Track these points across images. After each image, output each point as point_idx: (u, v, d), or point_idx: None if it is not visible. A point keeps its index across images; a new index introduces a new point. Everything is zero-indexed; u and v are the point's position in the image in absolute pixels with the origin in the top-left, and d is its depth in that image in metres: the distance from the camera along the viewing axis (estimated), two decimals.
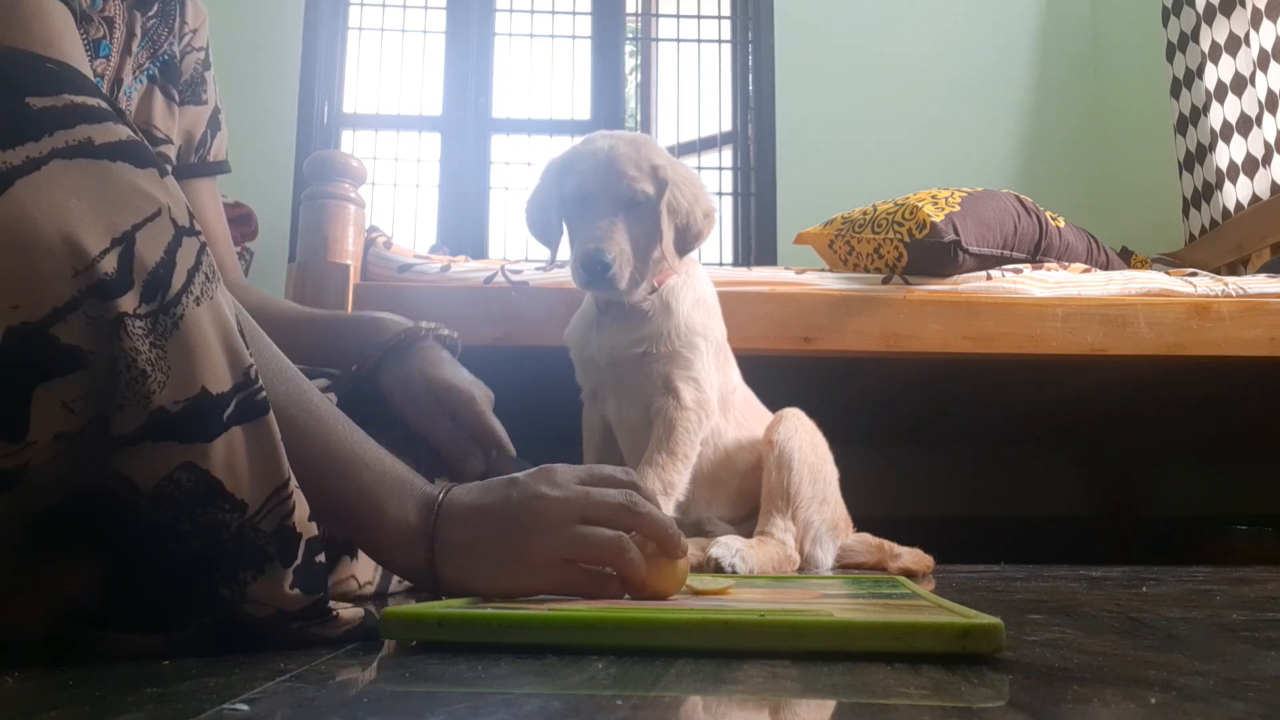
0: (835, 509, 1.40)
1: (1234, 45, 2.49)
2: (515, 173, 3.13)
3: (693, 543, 1.25)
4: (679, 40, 3.27)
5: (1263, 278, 1.93)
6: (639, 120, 3.31)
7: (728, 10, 3.28)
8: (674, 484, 1.28)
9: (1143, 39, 2.94)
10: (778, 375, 1.76)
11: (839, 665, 0.47)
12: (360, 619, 0.56)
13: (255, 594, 0.51)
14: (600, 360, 1.36)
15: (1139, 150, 3.00)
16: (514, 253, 2.96)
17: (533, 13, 3.21)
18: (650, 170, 1.30)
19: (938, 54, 3.17)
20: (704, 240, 1.37)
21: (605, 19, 3.21)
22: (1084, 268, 1.94)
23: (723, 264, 3.08)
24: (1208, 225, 2.60)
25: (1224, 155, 2.53)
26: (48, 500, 0.47)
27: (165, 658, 0.49)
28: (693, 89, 3.22)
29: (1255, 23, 2.41)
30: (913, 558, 1.35)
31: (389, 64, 3.14)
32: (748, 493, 1.40)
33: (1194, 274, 1.93)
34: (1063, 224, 2.06)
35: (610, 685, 0.42)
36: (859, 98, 3.12)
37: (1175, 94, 2.74)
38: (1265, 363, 1.77)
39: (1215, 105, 2.56)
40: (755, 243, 3.04)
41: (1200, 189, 2.64)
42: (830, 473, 1.40)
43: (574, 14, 3.23)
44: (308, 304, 1.42)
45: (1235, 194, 2.49)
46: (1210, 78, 2.58)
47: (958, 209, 1.86)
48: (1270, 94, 2.35)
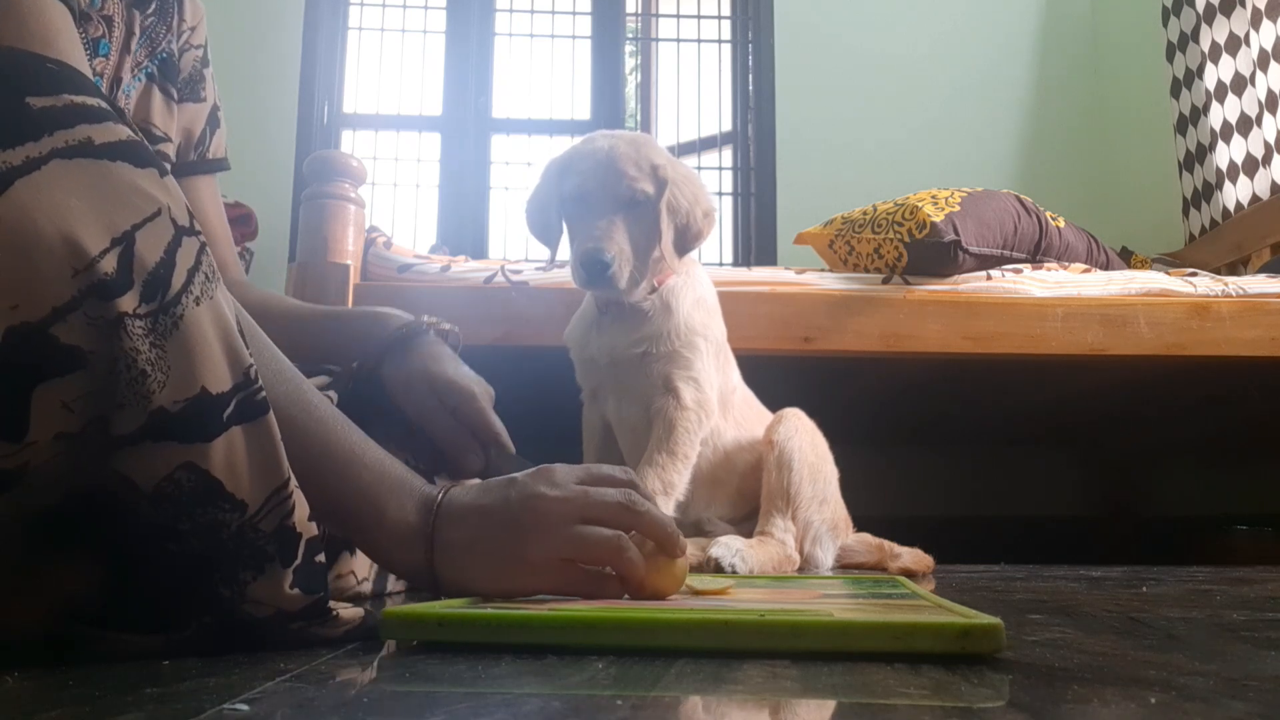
0: (835, 509, 1.40)
1: (1234, 45, 2.49)
2: (515, 173, 3.13)
3: (692, 543, 1.25)
4: (679, 40, 3.27)
5: (1263, 278, 1.93)
6: (639, 120, 3.31)
7: (728, 10, 3.28)
8: (674, 484, 1.28)
9: (1143, 39, 2.94)
10: (778, 375, 1.76)
11: (839, 665, 0.47)
12: (360, 619, 0.56)
13: (255, 594, 0.51)
14: (600, 360, 1.36)
15: (1139, 150, 3.00)
16: (514, 253, 2.96)
17: (533, 13, 3.21)
18: (650, 170, 1.30)
19: (938, 54, 3.17)
20: (704, 240, 1.37)
21: (605, 19, 3.21)
22: (1084, 268, 1.94)
23: (723, 264, 3.08)
24: (1208, 225, 2.60)
25: (1224, 155, 2.53)
26: (48, 500, 0.47)
27: (165, 658, 0.49)
28: (693, 89, 3.22)
29: (1255, 23, 2.41)
30: (913, 558, 1.35)
31: (389, 64, 3.14)
32: (747, 493, 1.40)
33: (1194, 274, 1.93)
34: (1063, 224, 2.06)
35: (610, 685, 0.42)
36: (859, 98, 3.12)
37: (1175, 94, 2.74)
38: (1265, 363, 1.78)
39: (1215, 105, 2.56)
40: (755, 243, 3.04)
41: (1200, 189, 2.64)
42: (830, 473, 1.40)
43: (574, 14, 3.23)
44: (308, 303, 1.42)
45: (1235, 194, 2.49)
46: (1210, 78, 2.58)
47: (958, 209, 1.86)
48: (1270, 94, 2.35)
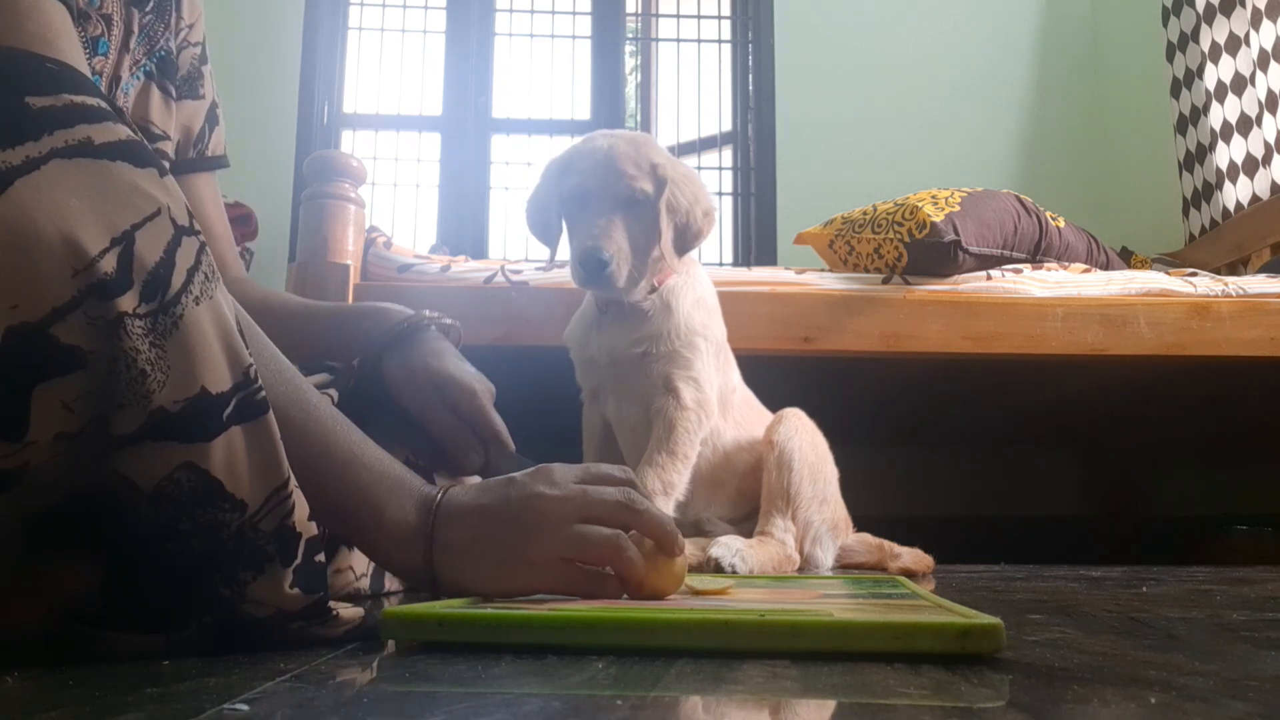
0: (835, 509, 1.40)
1: (1234, 45, 2.49)
2: (515, 173, 3.13)
3: (692, 543, 1.25)
4: (679, 40, 3.27)
5: (1263, 278, 1.93)
6: (639, 120, 3.31)
7: (728, 10, 3.27)
8: (674, 484, 1.28)
9: (1143, 39, 2.94)
10: (778, 375, 1.76)
11: (839, 665, 0.47)
12: (360, 619, 0.56)
13: (255, 594, 0.51)
14: (600, 360, 1.36)
15: (1139, 150, 3.00)
16: (514, 253, 2.96)
17: (533, 13, 3.21)
18: (650, 169, 1.30)
19: (938, 54, 3.17)
20: (704, 239, 1.37)
21: (605, 19, 3.21)
22: (1084, 268, 1.94)
23: (723, 264, 3.08)
24: (1208, 225, 2.60)
25: (1224, 155, 2.53)
26: (48, 500, 0.47)
27: (165, 658, 0.49)
28: (693, 89, 3.22)
29: (1255, 23, 2.41)
30: (913, 558, 1.35)
31: (389, 64, 3.14)
32: (747, 493, 1.39)
33: (1194, 274, 1.93)
34: (1063, 224, 2.06)
35: (610, 685, 0.42)
36: (859, 98, 3.11)
37: (1175, 94, 2.74)
38: (1265, 363, 1.77)
39: (1215, 105, 2.56)
40: (755, 243, 3.04)
41: (1200, 189, 2.64)
42: (830, 473, 1.40)
43: (574, 14, 3.23)
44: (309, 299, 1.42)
45: (1235, 194, 2.49)
46: (1210, 78, 2.58)
47: (958, 209, 1.86)
48: (1270, 94, 2.35)
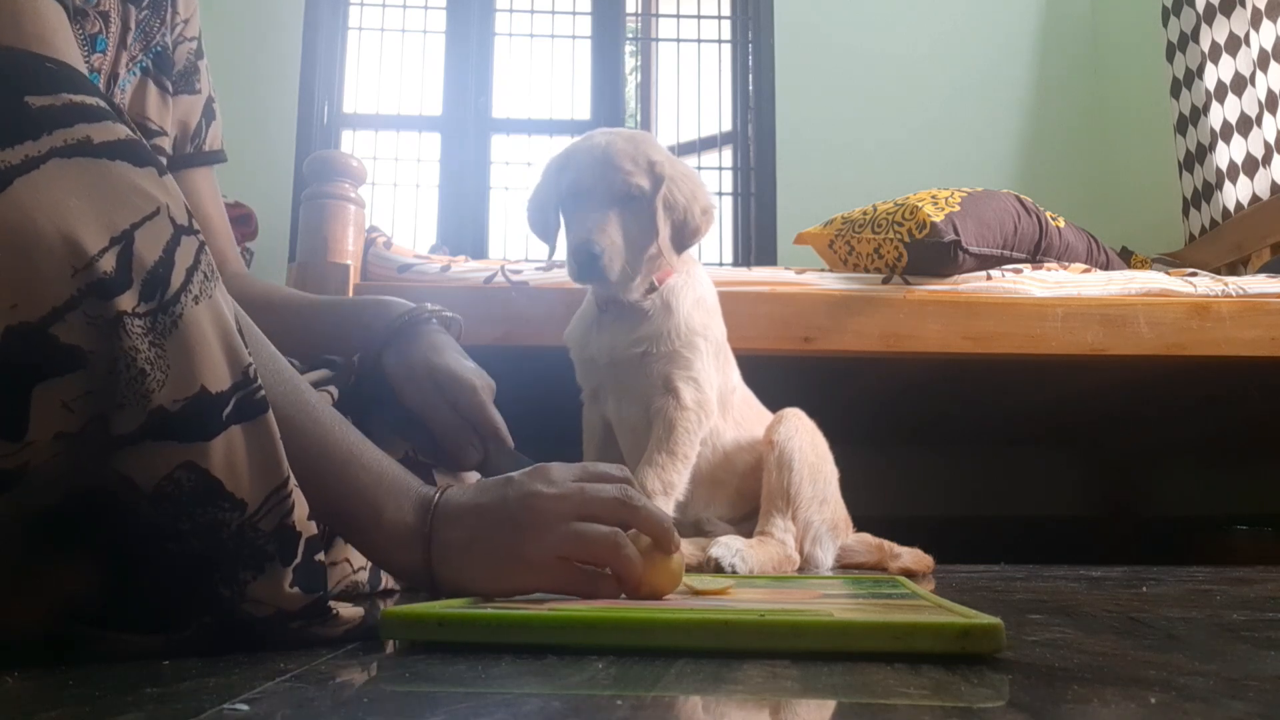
0: (835, 509, 1.40)
1: (1234, 45, 2.49)
2: (515, 173, 3.12)
3: (693, 543, 1.25)
4: (679, 40, 3.27)
5: (1263, 278, 1.93)
6: (639, 120, 3.31)
7: (728, 10, 3.27)
8: (674, 484, 1.28)
9: (1143, 39, 2.94)
10: (778, 375, 1.76)
11: (839, 665, 0.47)
12: (360, 618, 0.56)
13: (255, 593, 0.51)
14: (600, 360, 1.36)
15: (1139, 150, 3.00)
16: (514, 253, 2.96)
17: (533, 13, 3.21)
18: (647, 166, 1.30)
19: (938, 54, 3.17)
20: (701, 237, 1.37)
21: (605, 19, 3.21)
22: (1084, 268, 1.94)
23: (723, 264, 3.08)
24: (1208, 225, 2.60)
25: (1224, 155, 2.53)
26: (48, 500, 0.47)
27: (165, 658, 0.49)
28: (693, 89, 3.22)
29: (1255, 23, 2.41)
30: (913, 558, 1.35)
31: (389, 64, 3.14)
32: (747, 493, 1.39)
33: (1194, 274, 1.93)
34: (1063, 224, 2.06)
35: (610, 685, 0.42)
36: (859, 98, 3.11)
37: (1175, 94, 2.74)
38: (1265, 363, 1.77)
39: (1215, 105, 2.56)
40: (755, 243, 3.04)
41: (1200, 189, 2.64)
42: (830, 473, 1.40)
43: (574, 14, 3.23)
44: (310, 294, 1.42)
45: (1235, 194, 2.49)
46: (1210, 78, 2.58)
47: (958, 209, 1.86)
48: (1270, 94, 2.35)
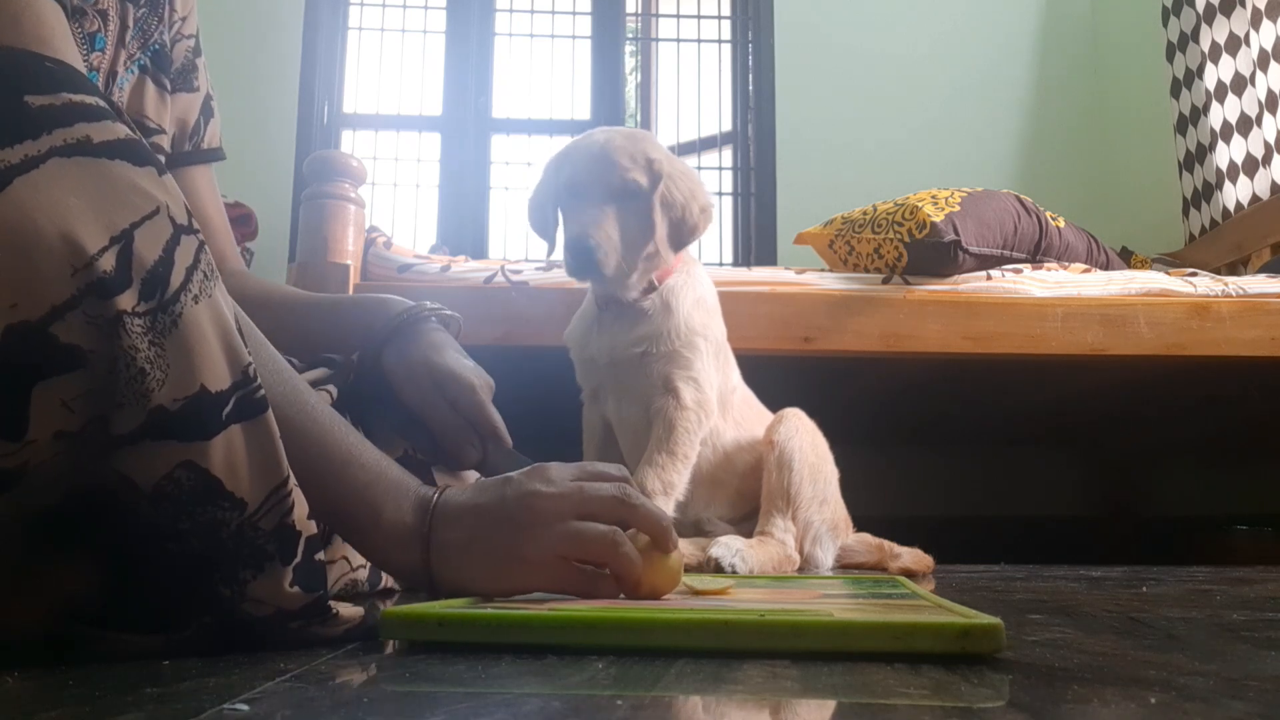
0: (835, 509, 1.40)
1: (1234, 45, 2.49)
2: (515, 173, 3.12)
3: (693, 543, 1.25)
4: (679, 40, 3.27)
5: (1263, 278, 1.93)
6: (639, 120, 3.31)
7: (728, 10, 3.27)
8: (674, 484, 1.28)
9: (1143, 39, 2.94)
10: (778, 375, 1.76)
11: (839, 665, 0.46)
12: (360, 618, 0.56)
13: (255, 592, 0.51)
14: (600, 360, 1.36)
15: (1139, 150, 3.00)
16: (514, 253, 2.96)
17: (533, 13, 3.21)
18: (645, 163, 1.31)
19: (938, 54, 3.17)
20: (699, 236, 1.37)
21: (605, 19, 3.21)
22: (1084, 268, 1.94)
23: (723, 264, 3.08)
24: (1208, 225, 2.60)
25: (1224, 155, 2.53)
26: (48, 500, 0.47)
27: (165, 658, 0.49)
28: (693, 89, 3.22)
29: (1255, 23, 2.40)
30: (913, 558, 1.35)
31: (389, 64, 3.14)
32: (747, 493, 1.39)
33: (1194, 274, 1.93)
34: (1063, 224, 2.06)
35: (610, 685, 0.42)
36: (859, 98, 3.11)
37: (1175, 94, 2.74)
38: (1265, 363, 1.77)
39: (1215, 105, 2.56)
40: (755, 243, 3.04)
41: (1200, 189, 2.64)
42: (830, 473, 1.40)
43: (574, 14, 3.23)
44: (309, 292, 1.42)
45: (1235, 194, 2.49)
46: (1210, 78, 2.58)
47: (958, 209, 1.86)
48: (1270, 94, 2.35)
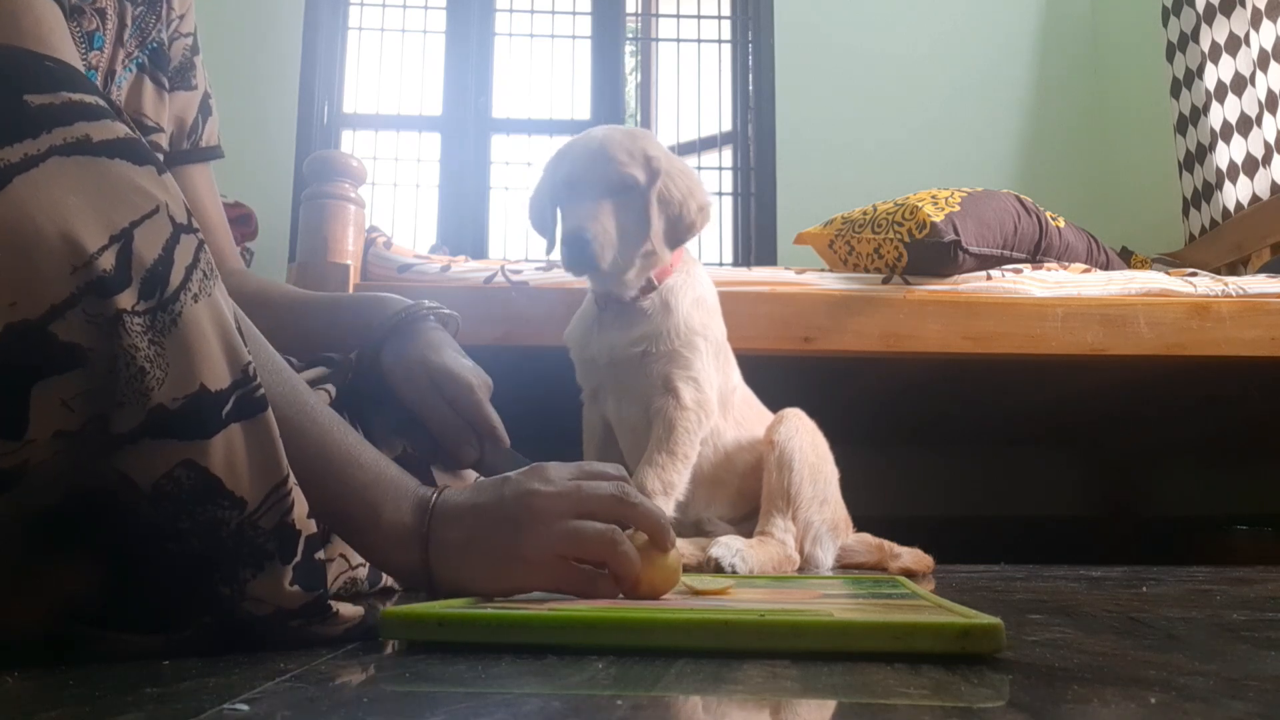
0: (835, 509, 1.40)
1: (1234, 45, 2.49)
2: (515, 173, 3.12)
3: (693, 543, 1.25)
4: (679, 40, 3.27)
5: (1263, 278, 1.93)
6: (639, 120, 3.31)
7: (728, 10, 3.27)
8: (674, 484, 1.28)
9: (1143, 39, 2.94)
10: (778, 375, 1.76)
11: (839, 665, 0.46)
12: (360, 617, 0.56)
13: (255, 592, 0.51)
14: (600, 360, 1.36)
15: (1139, 150, 3.00)
16: (514, 253, 2.96)
17: (533, 13, 3.21)
18: (643, 159, 1.31)
19: (938, 54, 3.17)
20: (696, 234, 1.37)
21: (605, 19, 3.21)
22: (1084, 268, 1.94)
23: (723, 264, 3.08)
24: (1208, 225, 2.60)
25: (1224, 155, 2.53)
26: (48, 500, 0.47)
27: (165, 658, 0.49)
28: (693, 89, 3.22)
29: (1255, 23, 2.40)
30: (913, 558, 1.35)
31: (389, 64, 3.14)
32: (747, 493, 1.39)
33: (1194, 274, 1.93)
34: (1063, 224, 2.06)
35: (610, 685, 0.42)
36: (859, 98, 3.11)
37: (1175, 94, 2.74)
38: (1265, 363, 1.77)
39: (1215, 105, 2.56)
40: (755, 243, 3.04)
41: (1200, 189, 2.64)
42: (830, 473, 1.40)
43: (574, 14, 3.23)
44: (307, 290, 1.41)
45: (1235, 194, 2.49)
46: (1210, 78, 2.58)
47: (958, 209, 1.86)
48: (1270, 94, 2.35)
